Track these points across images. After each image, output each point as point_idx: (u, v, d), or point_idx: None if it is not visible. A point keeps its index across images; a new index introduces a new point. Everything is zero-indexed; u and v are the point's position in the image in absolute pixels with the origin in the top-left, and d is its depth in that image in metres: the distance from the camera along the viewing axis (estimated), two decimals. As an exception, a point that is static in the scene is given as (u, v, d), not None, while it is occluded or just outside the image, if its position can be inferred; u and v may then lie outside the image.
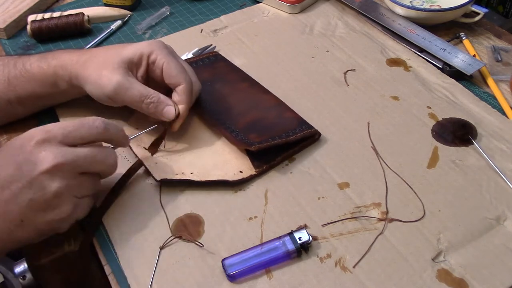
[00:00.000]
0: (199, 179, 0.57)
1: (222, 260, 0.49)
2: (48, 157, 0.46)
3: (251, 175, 0.57)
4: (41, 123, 0.66)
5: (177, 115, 0.59)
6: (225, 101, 0.65)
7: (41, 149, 0.47)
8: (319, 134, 0.62)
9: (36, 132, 0.48)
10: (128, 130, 0.62)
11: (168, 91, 0.60)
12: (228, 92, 0.66)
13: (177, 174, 0.57)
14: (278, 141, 0.58)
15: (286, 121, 0.62)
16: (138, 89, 0.58)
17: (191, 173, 0.58)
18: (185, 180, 0.56)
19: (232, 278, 0.49)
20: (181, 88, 0.59)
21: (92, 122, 0.50)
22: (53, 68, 0.60)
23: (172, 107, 0.58)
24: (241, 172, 0.58)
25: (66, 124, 0.49)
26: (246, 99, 0.65)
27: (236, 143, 0.59)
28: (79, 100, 0.65)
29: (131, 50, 0.59)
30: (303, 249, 0.50)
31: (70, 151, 0.48)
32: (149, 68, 0.60)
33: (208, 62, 0.71)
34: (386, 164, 0.59)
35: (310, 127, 0.61)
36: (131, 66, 0.59)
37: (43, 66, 0.60)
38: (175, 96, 0.59)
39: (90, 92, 0.59)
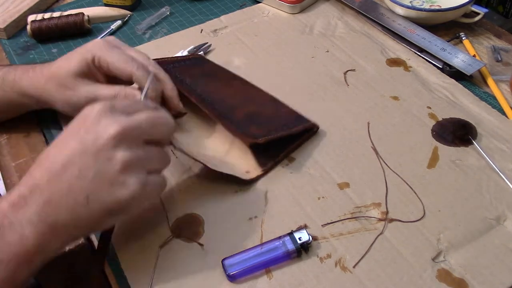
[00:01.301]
0: (212, 167, 0.55)
1: (222, 260, 0.49)
2: (110, 124, 0.44)
3: (258, 175, 0.58)
4: (41, 121, 0.66)
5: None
6: (219, 93, 0.64)
7: (102, 118, 0.44)
8: (317, 127, 0.63)
9: (95, 105, 0.45)
10: None
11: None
12: (222, 86, 0.66)
13: (190, 153, 0.55)
14: (282, 132, 0.59)
15: (283, 115, 0.62)
16: (106, 92, 0.58)
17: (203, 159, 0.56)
18: (200, 161, 0.54)
19: (232, 278, 0.49)
20: (136, 76, 0.57)
21: (145, 101, 0.50)
22: (17, 94, 0.61)
23: (139, 91, 0.57)
24: (247, 172, 0.58)
25: (122, 100, 0.49)
26: (240, 94, 0.65)
27: (240, 136, 0.58)
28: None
29: (77, 62, 0.58)
30: (303, 249, 0.50)
31: (131, 117, 0.45)
32: (100, 71, 0.59)
33: (194, 62, 0.70)
34: (386, 164, 0.59)
35: (308, 120, 0.62)
36: (87, 76, 0.59)
37: (7, 90, 0.61)
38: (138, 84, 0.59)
39: (63, 111, 0.61)
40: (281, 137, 0.58)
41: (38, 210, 0.43)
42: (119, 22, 0.84)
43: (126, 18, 0.85)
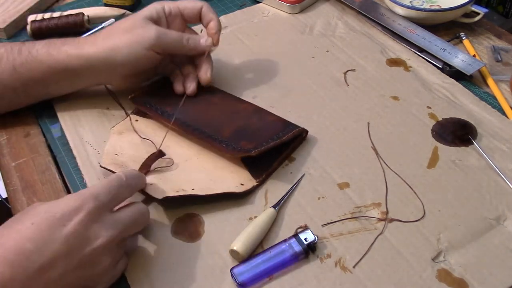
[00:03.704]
0: (203, 194, 0.55)
1: (231, 269, 0.49)
2: (102, 232, 0.44)
3: (254, 186, 0.56)
4: (41, 121, 0.66)
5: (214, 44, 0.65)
6: (203, 116, 0.63)
7: (92, 223, 0.44)
8: (306, 132, 0.62)
9: (78, 202, 0.44)
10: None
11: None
12: (204, 108, 0.64)
13: (177, 191, 0.54)
14: (274, 142, 0.57)
15: (271, 125, 0.61)
16: (174, 33, 0.62)
17: (192, 189, 0.55)
18: (189, 195, 0.54)
19: (242, 286, 0.48)
20: (204, 10, 0.65)
21: (125, 180, 0.48)
22: (65, 53, 0.60)
23: (207, 38, 0.64)
24: (242, 184, 0.56)
25: (108, 189, 0.46)
26: (224, 110, 0.64)
27: (231, 153, 0.57)
28: (78, 95, 0.66)
29: (147, 10, 0.63)
30: (310, 250, 0.50)
31: (119, 221, 0.46)
32: (168, 22, 0.64)
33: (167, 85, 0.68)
34: (386, 164, 0.59)
35: (296, 126, 0.61)
36: (155, 22, 0.62)
37: (53, 53, 0.60)
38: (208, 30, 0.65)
39: (122, 56, 0.60)
40: (273, 146, 0.57)
41: None
42: (112, 20, 0.83)
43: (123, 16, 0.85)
